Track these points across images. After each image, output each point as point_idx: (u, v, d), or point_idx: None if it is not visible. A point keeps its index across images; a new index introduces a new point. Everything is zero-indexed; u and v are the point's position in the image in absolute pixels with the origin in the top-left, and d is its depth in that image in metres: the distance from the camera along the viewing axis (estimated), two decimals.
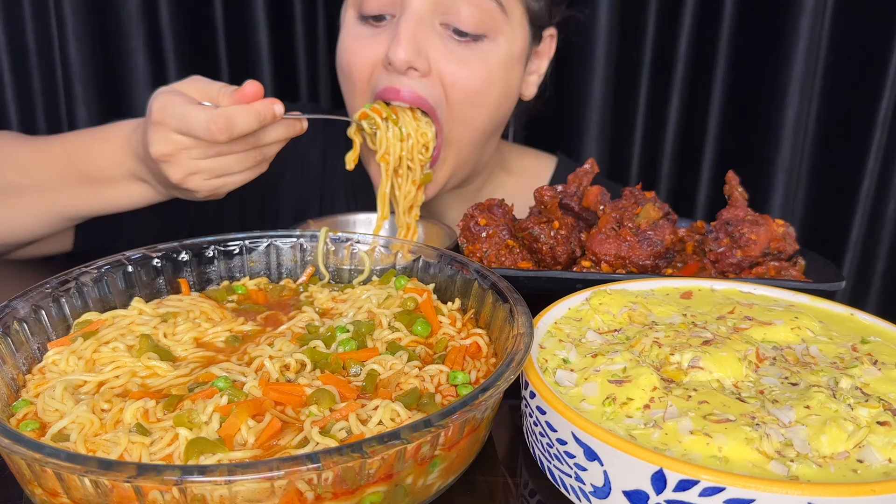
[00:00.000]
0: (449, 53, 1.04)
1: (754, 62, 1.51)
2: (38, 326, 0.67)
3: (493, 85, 1.07)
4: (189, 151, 0.88)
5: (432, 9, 1.02)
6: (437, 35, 1.03)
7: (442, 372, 0.65)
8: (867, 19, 1.46)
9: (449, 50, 1.04)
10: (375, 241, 0.88)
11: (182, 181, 0.90)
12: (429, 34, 1.03)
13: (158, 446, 0.53)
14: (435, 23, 1.03)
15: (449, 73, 1.04)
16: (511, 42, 1.08)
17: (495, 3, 1.03)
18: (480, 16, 1.02)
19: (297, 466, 0.44)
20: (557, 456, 0.58)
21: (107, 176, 1.00)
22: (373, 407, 0.58)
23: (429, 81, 1.04)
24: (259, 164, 0.94)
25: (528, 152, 1.42)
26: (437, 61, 1.03)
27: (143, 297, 0.78)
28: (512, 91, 1.14)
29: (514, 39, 1.08)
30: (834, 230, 1.61)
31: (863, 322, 0.75)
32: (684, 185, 1.67)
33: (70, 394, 0.60)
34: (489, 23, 1.04)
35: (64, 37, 1.54)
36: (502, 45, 1.06)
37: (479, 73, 1.05)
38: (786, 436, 0.53)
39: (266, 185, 1.29)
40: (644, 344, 0.66)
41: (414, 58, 1.01)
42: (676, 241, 0.96)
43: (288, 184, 1.32)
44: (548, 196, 0.96)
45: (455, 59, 1.04)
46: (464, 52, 1.04)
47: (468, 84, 1.05)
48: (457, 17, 1.02)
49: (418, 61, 1.01)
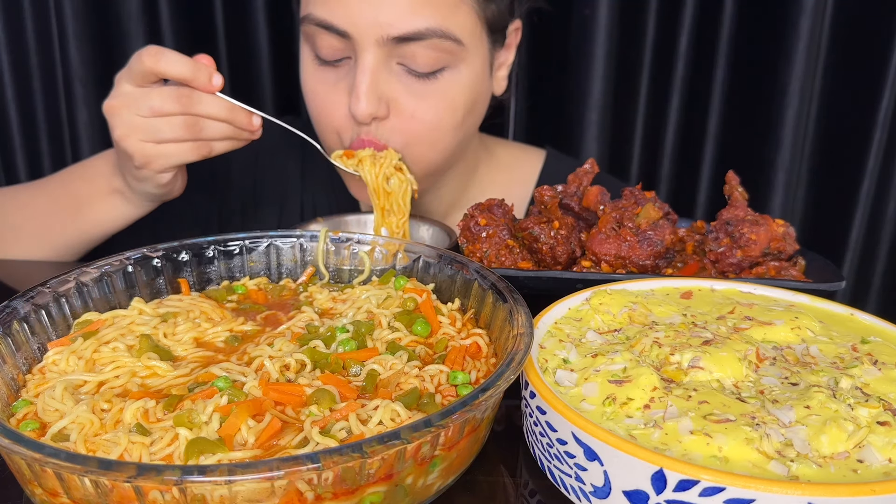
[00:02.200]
0: (408, 92, 1.03)
1: (754, 62, 1.51)
2: (38, 326, 0.67)
3: (456, 111, 1.07)
4: (129, 106, 0.93)
5: (387, 55, 1.00)
6: (395, 76, 1.02)
7: (442, 372, 0.65)
8: (867, 19, 1.46)
9: (408, 89, 1.03)
10: (375, 241, 0.88)
11: (122, 138, 0.93)
12: (387, 77, 1.02)
13: (158, 446, 0.53)
14: (391, 64, 1.02)
15: (409, 109, 1.03)
16: (472, 64, 1.06)
17: (451, 41, 1.01)
18: (437, 55, 1.01)
19: (297, 466, 0.44)
20: (557, 456, 0.58)
21: (91, 194, 1.08)
22: (373, 407, 0.58)
23: (390, 124, 1.04)
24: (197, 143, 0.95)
25: (515, 146, 1.42)
26: (398, 101, 1.03)
27: (144, 296, 0.78)
28: (480, 103, 1.13)
29: (475, 60, 1.07)
30: (834, 230, 1.61)
31: (863, 322, 0.75)
32: (684, 185, 1.67)
33: (70, 394, 0.60)
34: (446, 58, 1.02)
35: (64, 37, 1.54)
36: (463, 71, 1.05)
37: (440, 104, 1.05)
38: (786, 436, 0.53)
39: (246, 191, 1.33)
40: (644, 344, 0.66)
41: (374, 109, 1.01)
42: (676, 241, 0.96)
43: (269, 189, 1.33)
44: (548, 196, 0.96)
45: (415, 96, 1.03)
46: (423, 89, 1.03)
47: (429, 116, 1.05)
48: (412, 60, 1.01)
49: (379, 110, 1.02)
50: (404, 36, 0.98)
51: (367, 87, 1.00)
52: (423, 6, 0.98)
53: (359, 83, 1.00)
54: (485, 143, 1.33)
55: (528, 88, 1.65)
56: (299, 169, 1.34)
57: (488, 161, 1.32)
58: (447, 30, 0.99)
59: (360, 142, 1.05)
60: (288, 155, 1.33)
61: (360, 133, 1.05)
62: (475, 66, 1.07)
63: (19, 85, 1.64)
